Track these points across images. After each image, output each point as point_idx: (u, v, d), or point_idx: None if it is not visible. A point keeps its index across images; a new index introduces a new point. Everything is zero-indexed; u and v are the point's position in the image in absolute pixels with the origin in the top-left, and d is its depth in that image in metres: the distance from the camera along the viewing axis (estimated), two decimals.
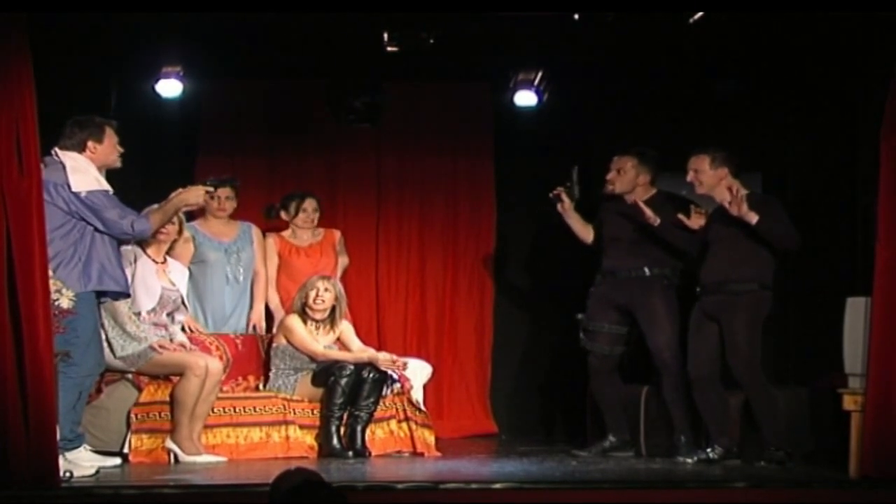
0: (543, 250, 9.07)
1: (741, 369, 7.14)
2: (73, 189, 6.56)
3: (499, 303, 9.34)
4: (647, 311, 7.57)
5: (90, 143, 6.70)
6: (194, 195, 6.97)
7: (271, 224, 8.63)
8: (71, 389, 6.46)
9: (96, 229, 6.61)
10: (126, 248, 7.13)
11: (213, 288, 8.22)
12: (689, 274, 7.57)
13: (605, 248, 7.81)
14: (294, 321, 7.77)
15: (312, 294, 7.77)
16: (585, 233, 7.95)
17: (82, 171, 6.62)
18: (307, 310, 7.79)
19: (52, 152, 6.62)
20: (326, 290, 7.81)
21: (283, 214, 8.47)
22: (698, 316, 7.32)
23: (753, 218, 7.08)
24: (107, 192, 6.67)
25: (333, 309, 7.84)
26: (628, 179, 7.71)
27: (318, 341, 7.79)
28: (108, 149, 6.75)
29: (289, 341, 7.75)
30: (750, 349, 7.15)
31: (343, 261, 8.61)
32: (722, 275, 7.22)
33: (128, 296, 6.98)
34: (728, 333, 7.18)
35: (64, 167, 6.59)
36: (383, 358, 7.67)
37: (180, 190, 6.99)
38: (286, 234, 8.49)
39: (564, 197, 7.83)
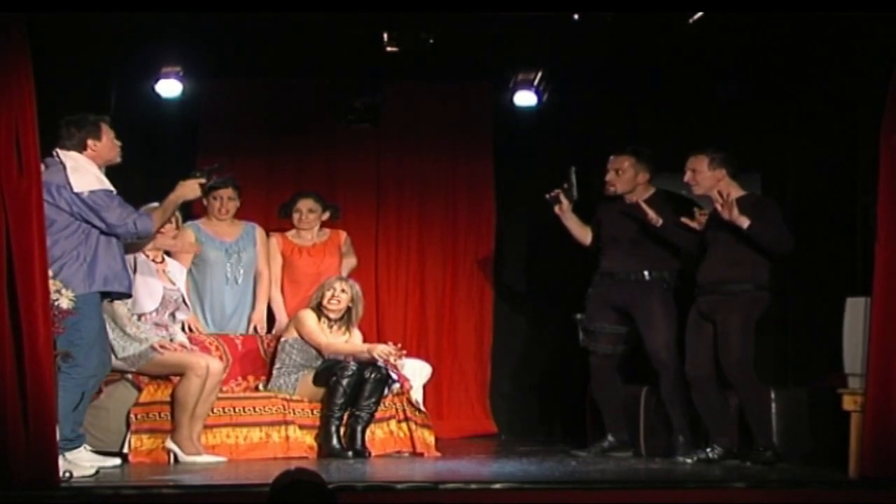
0: (543, 250, 9.07)
1: (732, 369, 7.15)
2: (75, 189, 6.55)
3: (498, 303, 9.35)
4: (645, 312, 7.58)
5: (90, 142, 6.69)
6: (190, 190, 6.94)
7: (278, 224, 8.64)
8: (73, 390, 6.45)
9: (101, 231, 6.61)
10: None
11: (213, 288, 8.22)
12: (683, 274, 7.58)
13: (604, 248, 7.80)
14: (308, 315, 7.79)
15: (328, 294, 7.78)
16: (583, 235, 7.94)
17: (82, 171, 6.61)
18: (322, 308, 7.79)
19: (54, 153, 6.62)
20: (343, 290, 7.82)
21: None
22: (694, 316, 7.34)
23: (745, 222, 7.09)
24: (109, 191, 6.66)
25: (349, 311, 7.85)
26: (628, 179, 7.71)
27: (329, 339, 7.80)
28: (108, 145, 6.75)
29: (299, 332, 7.75)
30: (743, 349, 7.16)
31: (350, 262, 8.60)
32: (717, 275, 7.23)
33: (131, 296, 6.98)
34: (722, 333, 7.19)
35: (64, 167, 6.59)
36: (381, 350, 7.66)
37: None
38: (290, 233, 8.49)
39: (562, 198, 7.82)
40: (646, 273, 7.63)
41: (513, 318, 9.37)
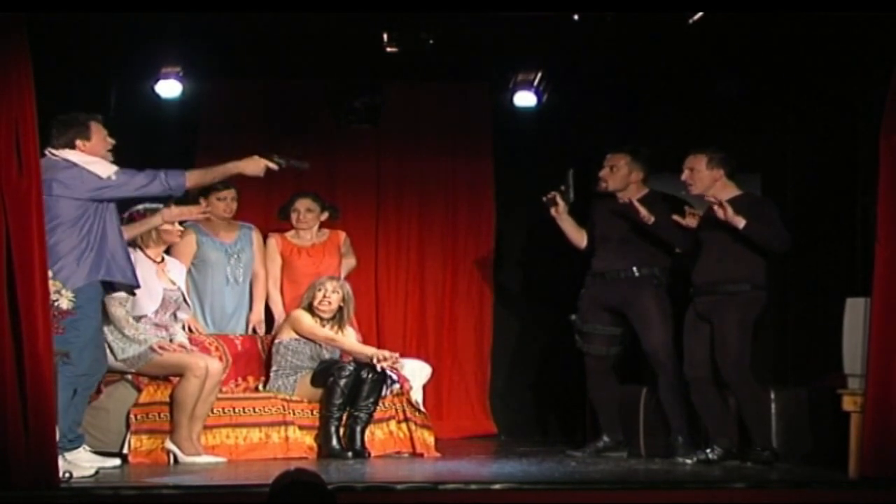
0: (543, 251, 9.06)
1: (729, 369, 7.15)
2: (104, 176, 6.56)
3: (498, 303, 9.34)
4: (639, 311, 7.58)
5: (78, 142, 6.68)
6: (254, 166, 6.89)
7: (278, 224, 8.63)
8: (65, 389, 6.43)
9: (128, 202, 6.68)
10: None
11: (214, 288, 8.22)
12: (681, 274, 7.58)
13: (595, 248, 7.81)
14: (302, 314, 7.79)
15: (319, 295, 7.78)
16: (579, 238, 7.94)
17: (95, 161, 6.62)
18: (314, 309, 7.79)
19: (47, 152, 6.59)
20: (334, 291, 7.81)
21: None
22: (691, 317, 7.34)
23: (740, 222, 7.09)
24: (124, 169, 6.67)
25: (341, 310, 7.85)
26: (621, 177, 7.72)
27: None
28: (98, 143, 6.73)
29: (297, 332, 7.75)
30: (739, 349, 7.16)
31: (349, 262, 8.59)
32: (713, 275, 7.23)
33: (135, 287, 6.94)
34: (718, 333, 7.19)
35: (73, 163, 6.57)
36: (382, 354, 7.65)
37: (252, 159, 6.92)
38: (289, 234, 8.48)
39: (559, 200, 7.82)
40: (635, 270, 7.63)
41: (513, 318, 9.37)
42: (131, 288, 6.91)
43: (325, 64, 8.41)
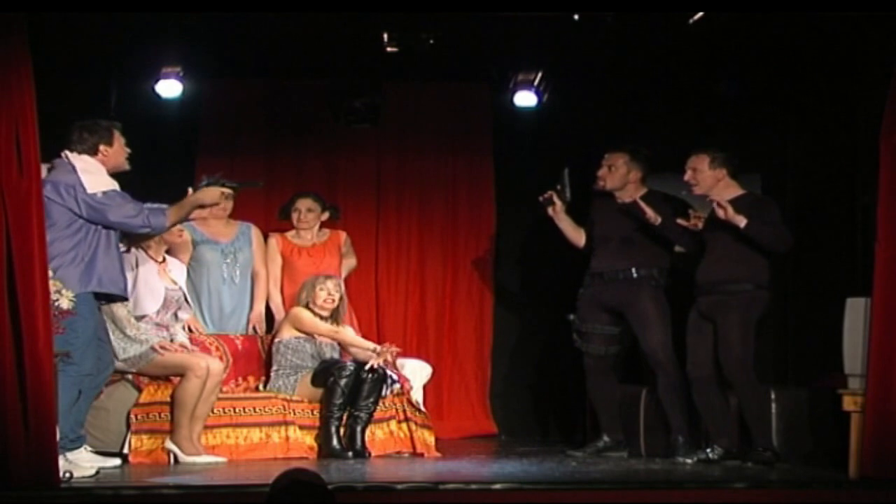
0: (543, 251, 9.06)
1: (732, 368, 7.16)
2: (89, 191, 6.57)
3: (498, 303, 9.34)
4: (638, 312, 7.58)
5: (102, 147, 6.73)
6: (210, 196, 6.96)
7: (278, 224, 8.63)
8: (69, 389, 6.45)
9: (110, 228, 6.62)
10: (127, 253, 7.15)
11: (211, 288, 8.22)
12: (682, 274, 7.57)
13: (595, 248, 7.81)
14: (302, 311, 7.81)
15: (323, 294, 7.78)
16: (577, 237, 7.95)
17: (94, 173, 6.65)
18: (314, 308, 7.80)
19: (62, 155, 6.64)
20: (336, 289, 7.84)
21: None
22: (694, 317, 7.34)
23: (742, 222, 7.10)
24: (120, 191, 6.70)
25: (336, 308, 7.86)
26: (619, 176, 7.73)
27: None
28: (119, 151, 6.80)
29: (298, 329, 7.76)
30: (742, 348, 7.16)
31: (350, 262, 8.60)
32: (716, 275, 7.24)
33: (126, 299, 6.98)
34: (721, 332, 7.20)
35: (74, 169, 6.60)
36: (381, 348, 7.66)
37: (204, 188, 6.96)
38: (290, 234, 8.48)
39: (556, 200, 7.82)
40: (633, 270, 7.63)
41: (513, 318, 9.36)
42: (123, 299, 6.92)
43: (325, 64, 8.41)
